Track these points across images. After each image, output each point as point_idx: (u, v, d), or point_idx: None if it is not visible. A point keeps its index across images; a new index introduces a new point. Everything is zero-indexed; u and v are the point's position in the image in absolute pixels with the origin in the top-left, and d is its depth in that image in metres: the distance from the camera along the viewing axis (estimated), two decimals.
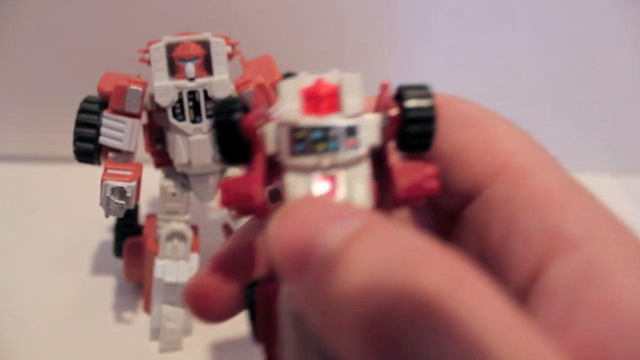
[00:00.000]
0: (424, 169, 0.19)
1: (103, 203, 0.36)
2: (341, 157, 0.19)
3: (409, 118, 0.20)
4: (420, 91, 0.20)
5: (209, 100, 0.37)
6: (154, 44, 0.36)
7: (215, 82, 0.37)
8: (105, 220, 0.42)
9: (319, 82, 0.20)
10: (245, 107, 0.20)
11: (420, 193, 0.19)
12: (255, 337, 0.22)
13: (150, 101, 0.38)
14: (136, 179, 0.36)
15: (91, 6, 0.50)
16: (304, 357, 0.18)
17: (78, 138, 0.36)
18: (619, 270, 0.17)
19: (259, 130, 0.20)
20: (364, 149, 0.20)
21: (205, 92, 0.37)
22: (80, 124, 0.36)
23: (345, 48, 0.52)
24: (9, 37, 0.51)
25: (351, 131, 0.19)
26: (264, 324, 0.21)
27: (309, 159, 0.19)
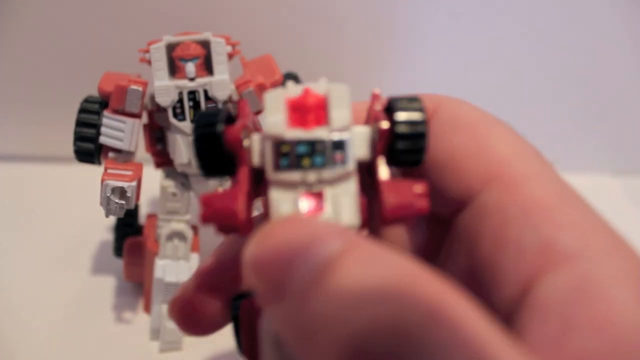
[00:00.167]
0: (414, 187, 0.19)
1: (103, 203, 0.36)
2: (328, 173, 0.18)
3: (398, 134, 0.19)
4: (412, 104, 0.19)
5: (209, 100, 0.37)
6: (155, 43, 0.36)
7: (216, 82, 0.37)
8: (105, 220, 0.42)
9: (305, 92, 0.19)
10: (229, 117, 0.19)
11: (409, 213, 0.18)
12: (240, 349, 0.22)
13: (150, 101, 0.38)
14: (136, 179, 0.36)
15: (91, 6, 0.50)
16: None
17: (78, 138, 0.36)
18: (613, 285, 0.17)
19: (244, 141, 0.19)
20: (351, 164, 0.19)
21: (206, 92, 0.37)
22: (80, 123, 0.36)
23: (345, 48, 0.52)
24: (9, 37, 0.51)
25: (338, 146, 0.18)
26: (248, 338, 0.21)
27: (294, 175, 0.18)
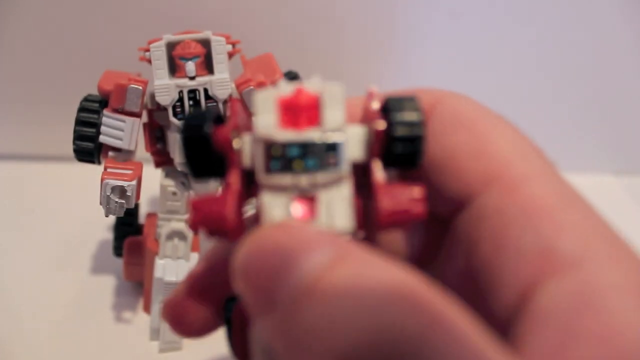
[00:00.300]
0: (410, 191, 0.18)
1: (103, 202, 0.36)
2: (321, 176, 0.18)
3: (395, 136, 0.18)
4: (409, 103, 0.19)
5: (209, 99, 0.37)
6: (155, 42, 0.36)
7: (216, 80, 0.37)
8: (105, 220, 0.42)
9: (298, 91, 0.18)
10: (219, 118, 0.19)
11: (405, 218, 0.18)
12: (232, 352, 0.22)
13: (150, 100, 0.38)
14: (136, 178, 0.36)
15: (91, 5, 0.50)
16: None
17: (78, 137, 0.36)
18: (616, 294, 0.16)
19: (235, 142, 0.18)
20: (345, 167, 0.18)
21: (206, 90, 0.37)
22: (80, 122, 0.36)
23: (346, 47, 0.52)
24: (9, 37, 0.51)
25: (332, 148, 0.18)
26: (240, 341, 0.21)
27: (285, 178, 0.18)
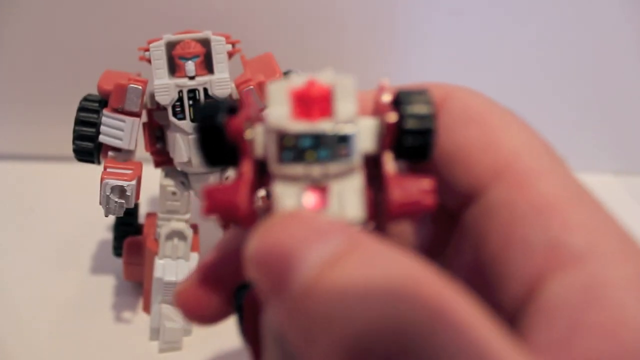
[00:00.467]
0: (421, 182, 0.18)
1: (103, 202, 0.36)
2: (333, 167, 0.18)
3: (405, 129, 0.19)
4: (420, 97, 0.19)
5: (209, 98, 0.37)
6: (154, 42, 0.36)
7: (216, 80, 0.37)
8: (104, 220, 0.42)
9: (310, 83, 0.18)
10: (232, 108, 0.19)
11: (415, 209, 0.18)
12: (243, 339, 0.22)
13: (150, 100, 0.38)
14: (136, 178, 0.36)
15: (91, 5, 0.50)
16: None
17: (78, 137, 0.36)
18: (622, 288, 0.16)
19: (248, 132, 0.19)
20: (357, 158, 0.18)
21: (206, 90, 0.37)
22: (79, 122, 0.36)
23: (346, 46, 0.52)
24: (9, 37, 0.51)
25: (344, 139, 0.18)
26: (251, 328, 0.21)
27: (298, 168, 0.18)
